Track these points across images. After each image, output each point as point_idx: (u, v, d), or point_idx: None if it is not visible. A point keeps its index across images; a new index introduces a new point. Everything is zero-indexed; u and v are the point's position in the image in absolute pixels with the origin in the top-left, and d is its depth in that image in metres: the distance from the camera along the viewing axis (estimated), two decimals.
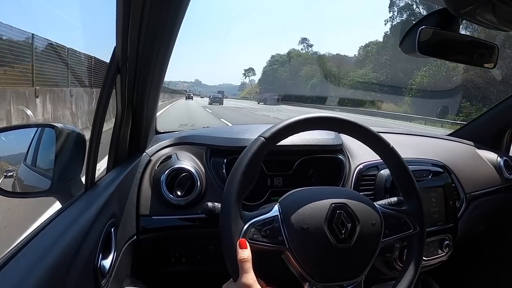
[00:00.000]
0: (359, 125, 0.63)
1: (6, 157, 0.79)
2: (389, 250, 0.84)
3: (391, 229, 0.60)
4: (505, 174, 1.20)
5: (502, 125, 1.31)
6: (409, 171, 0.64)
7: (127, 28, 0.58)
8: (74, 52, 7.30)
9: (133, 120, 0.78)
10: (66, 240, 0.47)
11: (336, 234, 0.55)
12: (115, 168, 0.76)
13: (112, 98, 0.66)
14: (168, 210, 0.80)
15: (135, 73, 0.67)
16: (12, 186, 0.78)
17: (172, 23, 0.59)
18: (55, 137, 0.70)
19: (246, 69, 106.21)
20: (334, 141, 0.93)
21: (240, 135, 0.89)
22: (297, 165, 0.91)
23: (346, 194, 0.60)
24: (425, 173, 0.97)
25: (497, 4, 0.51)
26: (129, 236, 0.74)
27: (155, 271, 0.87)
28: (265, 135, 0.58)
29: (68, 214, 0.55)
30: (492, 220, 1.19)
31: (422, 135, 1.37)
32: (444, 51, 0.69)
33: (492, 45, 0.71)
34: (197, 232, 0.83)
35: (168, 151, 0.90)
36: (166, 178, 0.81)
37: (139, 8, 0.54)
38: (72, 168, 0.72)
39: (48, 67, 6.26)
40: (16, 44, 5.48)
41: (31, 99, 5.13)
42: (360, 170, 0.93)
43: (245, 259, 0.50)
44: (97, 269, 0.53)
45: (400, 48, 0.71)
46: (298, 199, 0.59)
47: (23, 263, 0.41)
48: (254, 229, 0.54)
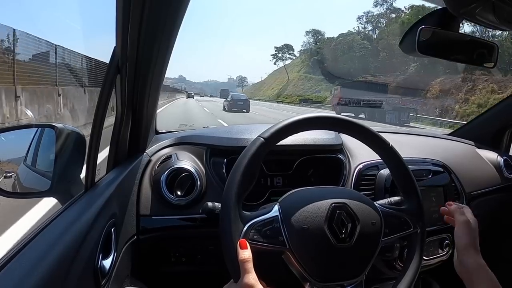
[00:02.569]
0: (359, 124, 0.63)
1: (6, 157, 0.79)
2: (389, 250, 0.84)
3: (391, 229, 0.60)
4: (505, 174, 1.20)
5: (502, 125, 1.31)
6: (409, 170, 0.64)
7: (127, 28, 0.58)
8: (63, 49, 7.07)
9: (133, 120, 0.78)
10: (66, 240, 0.47)
11: (336, 233, 0.55)
12: (115, 168, 0.76)
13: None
14: (168, 210, 0.80)
15: (135, 73, 0.67)
16: (12, 186, 0.78)
17: (171, 23, 0.59)
18: (55, 137, 0.70)
19: (280, 47, 64.82)
20: (334, 141, 0.93)
21: (240, 135, 0.89)
22: (297, 165, 0.91)
23: (346, 194, 0.60)
24: (425, 173, 0.97)
25: (497, 4, 0.51)
26: (129, 236, 0.74)
27: (155, 271, 0.87)
28: (264, 136, 0.58)
29: (68, 214, 0.55)
30: (492, 219, 1.19)
31: (422, 134, 1.37)
32: (444, 50, 0.69)
33: (492, 45, 0.71)
34: (197, 232, 0.83)
35: (168, 151, 0.90)
36: (166, 178, 0.81)
37: (139, 8, 0.54)
38: (72, 168, 0.72)
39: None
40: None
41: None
42: (360, 169, 0.93)
43: (245, 259, 0.50)
44: (97, 269, 0.53)
45: (400, 48, 0.71)
46: (298, 199, 0.59)
47: (23, 263, 0.41)
48: (254, 230, 0.54)
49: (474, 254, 0.59)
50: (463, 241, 0.61)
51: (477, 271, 0.57)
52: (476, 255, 0.59)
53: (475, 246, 0.60)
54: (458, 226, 0.63)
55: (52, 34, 59.56)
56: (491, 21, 0.57)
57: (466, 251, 0.60)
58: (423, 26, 0.64)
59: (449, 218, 0.68)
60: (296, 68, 59.10)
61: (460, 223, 0.63)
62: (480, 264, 0.58)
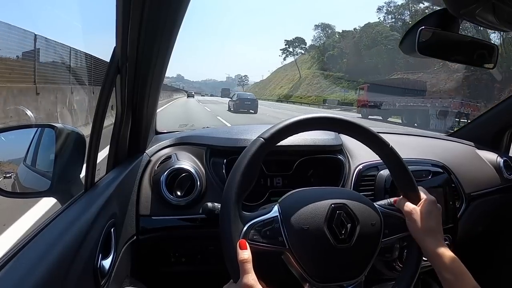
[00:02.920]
0: (359, 125, 0.63)
1: (6, 157, 0.79)
2: (389, 251, 0.84)
3: (391, 229, 0.60)
4: (505, 174, 1.20)
5: (502, 125, 1.31)
6: (408, 171, 0.64)
7: (126, 28, 0.58)
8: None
9: (133, 120, 0.78)
10: (66, 240, 0.47)
11: (336, 234, 0.55)
12: (115, 168, 0.76)
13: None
14: (168, 210, 0.80)
15: (135, 73, 0.67)
16: (12, 186, 0.78)
17: (171, 23, 0.59)
18: (55, 137, 0.70)
19: (290, 40, 60.29)
20: (334, 142, 0.93)
21: (240, 135, 0.89)
22: (297, 166, 0.91)
23: (346, 195, 0.60)
24: (425, 173, 0.97)
25: (497, 4, 0.51)
26: (129, 236, 0.74)
27: (155, 271, 0.87)
28: (264, 136, 0.58)
29: (68, 214, 0.55)
30: (492, 220, 1.19)
31: (422, 135, 1.37)
32: (444, 51, 0.69)
33: (492, 46, 0.71)
34: (197, 232, 0.83)
35: (168, 151, 0.90)
36: (166, 178, 0.81)
37: (139, 8, 0.54)
38: (72, 169, 0.72)
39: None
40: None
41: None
42: (359, 170, 0.93)
43: (245, 259, 0.50)
44: (97, 269, 0.53)
45: (400, 49, 0.71)
46: (297, 199, 0.59)
47: (23, 263, 0.41)
48: (254, 230, 0.54)
49: (430, 239, 0.58)
50: (413, 230, 0.60)
51: (436, 255, 0.57)
52: (432, 240, 0.58)
53: (428, 230, 0.59)
54: (407, 217, 0.61)
55: (52, 33, 59.37)
56: (491, 22, 0.56)
57: (421, 239, 0.59)
58: (423, 26, 0.64)
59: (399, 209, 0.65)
60: (305, 65, 54.78)
61: (407, 213, 0.61)
62: (437, 247, 0.57)
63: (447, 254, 0.57)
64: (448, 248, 0.58)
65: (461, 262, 0.56)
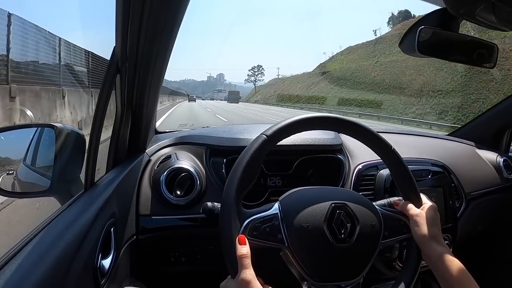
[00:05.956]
0: (360, 125, 0.63)
1: (5, 157, 0.79)
2: (388, 250, 0.84)
3: (390, 231, 0.60)
4: (505, 174, 1.20)
5: (502, 125, 1.31)
6: (409, 172, 0.64)
7: (126, 28, 0.58)
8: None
9: (132, 120, 0.78)
10: (65, 240, 0.47)
11: (336, 234, 0.55)
12: (114, 168, 0.76)
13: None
14: (168, 210, 0.80)
15: (135, 73, 0.67)
16: (11, 186, 0.78)
17: (171, 23, 0.59)
18: (55, 137, 0.70)
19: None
20: (334, 141, 0.93)
21: (239, 135, 0.89)
22: (297, 165, 0.91)
23: (346, 195, 0.60)
24: (424, 173, 0.97)
25: (497, 4, 0.50)
26: (129, 236, 0.74)
27: (155, 271, 0.87)
28: (267, 133, 0.58)
29: (68, 214, 0.55)
30: (492, 220, 1.19)
31: (422, 135, 1.37)
32: (443, 51, 0.69)
33: (492, 45, 0.71)
34: (197, 232, 0.83)
35: (168, 151, 0.90)
36: (166, 178, 0.81)
37: (138, 8, 0.54)
38: (72, 168, 0.72)
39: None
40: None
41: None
42: (359, 170, 0.93)
43: (244, 255, 0.50)
44: (97, 269, 0.53)
45: (400, 48, 0.71)
46: (298, 198, 0.59)
47: (23, 263, 0.41)
48: (253, 226, 0.54)
49: (435, 245, 0.58)
50: (418, 235, 0.60)
51: (440, 260, 0.57)
52: (437, 245, 0.58)
53: (433, 236, 0.59)
54: (411, 220, 0.62)
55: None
56: (490, 22, 0.56)
57: (425, 244, 0.59)
58: (423, 26, 0.64)
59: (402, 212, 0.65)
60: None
61: (412, 217, 0.61)
62: (442, 253, 0.57)
63: (452, 261, 0.56)
64: (452, 255, 0.57)
65: (466, 269, 0.56)
